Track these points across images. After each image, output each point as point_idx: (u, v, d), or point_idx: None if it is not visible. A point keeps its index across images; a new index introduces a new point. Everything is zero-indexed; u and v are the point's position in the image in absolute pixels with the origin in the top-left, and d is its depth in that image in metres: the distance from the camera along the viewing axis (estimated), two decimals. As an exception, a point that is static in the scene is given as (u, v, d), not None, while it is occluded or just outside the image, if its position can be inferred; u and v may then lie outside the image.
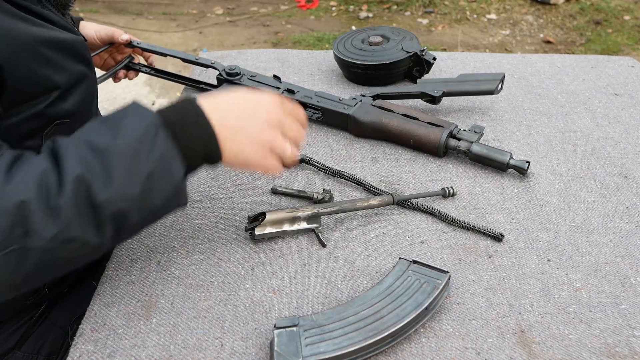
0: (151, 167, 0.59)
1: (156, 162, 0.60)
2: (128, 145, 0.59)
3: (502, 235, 0.81)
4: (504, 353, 0.65)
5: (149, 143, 0.60)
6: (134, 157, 0.59)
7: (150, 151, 0.60)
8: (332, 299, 0.72)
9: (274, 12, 4.26)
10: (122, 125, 0.60)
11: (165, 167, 0.61)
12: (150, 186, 0.60)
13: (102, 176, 0.57)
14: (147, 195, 0.60)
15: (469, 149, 0.94)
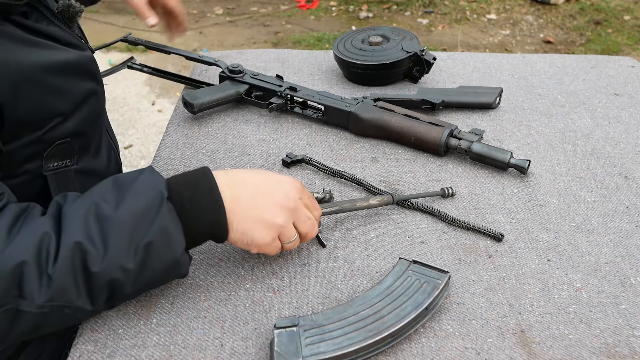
0: (151, 240, 0.59)
1: (156, 237, 0.59)
2: (130, 217, 0.59)
3: (502, 235, 0.81)
4: (504, 353, 0.65)
5: (152, 216, 0.59)
6: (134, 230, 0.59)
7: (151, 225, 0.59)
8: (332, 299, 0.72)
9: (274, 12, 4.26)
10: (129, 193, 0.60)
11: (166, 242, 0.60)
12: (148, 260, 0.60)
13: (100, 246, 0.57)
14: (143, 268, 0.60)
15: (469, 147, 0.94)
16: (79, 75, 0.76)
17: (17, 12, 0.69)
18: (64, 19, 0.78)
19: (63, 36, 0.76)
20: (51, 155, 0.75)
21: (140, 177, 0.62)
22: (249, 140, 1.03)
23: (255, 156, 0.99)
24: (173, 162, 0.97)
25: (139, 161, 2.58)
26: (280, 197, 0.66)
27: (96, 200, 0.60)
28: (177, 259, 0.62)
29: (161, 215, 0.59)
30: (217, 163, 0.97)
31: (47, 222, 0.58)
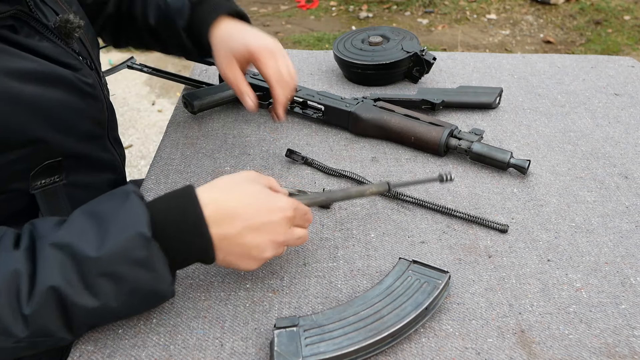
0: (134, 282, 0.58)
1: (142, 277, 0.58)
2: (112, 260, 0.56)
3: (508, 226, 0.81)
4: (504, 353, 0.65)
5: (137, 257, 0.57)
6: (118, 272, 0.56)
7: (135, 266, 0.57)
8: (332, 299, 0.72)
9: (274, 12, 4.26)
10: (111, 233, 0.56)
11: (152, 280, 0.59)
12: (132, 298, 0.59)
13: (80, 288, 0.56)
14: (126, 306, 0.60)
15: (469, 147, 0.94)
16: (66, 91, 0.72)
17: (1, 26, 0.65)
18: (61, 34, 0.74)
19: (56, 54, 0.72)
20: (38, 174, 0.71)
21: (121, 210, 0.58)
22: (249, 140, 1.03)
23: (255, 156, 0.99)
24: (173, 162, 0.97)
25: (139, 161, 2.58)
26: (269, 232, 0.64)
27: (73, 240, 0.56)
28: (163, 294, 0.62)
29: (147, 256, 0.57)
30: (217, 163, 0.97)
31: (19, 257, 0.56)
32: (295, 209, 0.67)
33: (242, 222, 0.62)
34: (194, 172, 0.95)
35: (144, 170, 2.47)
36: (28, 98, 0.66)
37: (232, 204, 0.62)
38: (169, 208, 0.60)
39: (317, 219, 0.85)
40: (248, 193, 0.64)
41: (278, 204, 0.64)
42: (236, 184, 0.65)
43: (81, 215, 0.60)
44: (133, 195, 0.60)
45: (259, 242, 0.63)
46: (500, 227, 0.82)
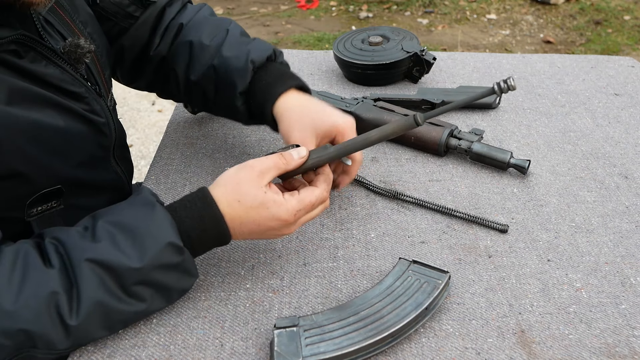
0: (168, 283, 0.65)
1: (173, 279, 0.65)
2: (150, 269, 0.62)
3: (508, 226, 0.81)
4: (504, 353, 0.65)
5: (170, 263, 0.63)
6: (154, 279, 0.63)
7: (169, 270, 0.63)
8: (332, 299, 0.72)
9: (274, 12, 4.26)
10: (146, 245, 0.62)
11: (181, 281, 0.67)
12: (164, 297, 0.66)
13: (121, 297, 0.62)
14: (159, 305, 0.66)
15: (469, 147, 0.94)
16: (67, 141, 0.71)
17: (2, 50, 0.63)
18: (70, 59, 0.71)
19: (61, 80, 0.69)
20: (35, 201, 0.70)
21: (150, 222, 0.63)
22: (249, 140, 1.03)
23: (255, 156, 0.98)
24: (173, 162, 0.97)
25: (139, 161, 2.58)
26: (276, 234, 0.70)
27: (110, 255, 0.60)
28: (188, 288, 0.69)
29: (180, 261, 0.64)
30: (217, 163, 0.97)
31: (56, 277, 0.59)
32: (298, 212, 0.68)
33: (248, 229, 0.68)
34: (194, 172, 0.95)
35: (144, 170, 2.47)
36: (26, 126, 0.65)
37: (239, 217, 0.67)
38: (192, 217, 0.66)
39: (317, 219, 0.85)
40: (251, 205, 0.67)
41: (277, 215, 0.67)
42: (243, 194, 0.67)
43: (109, 227, 0.63)
44: (158, 206, 0.65)
45: (266, 236, 0.71)
46: (500, 227, 0.82)
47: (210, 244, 0.68)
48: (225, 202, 0.66)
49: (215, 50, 0.87)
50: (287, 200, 0.67)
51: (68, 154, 0.72)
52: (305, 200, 0.69)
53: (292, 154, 0.70)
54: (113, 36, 0.92)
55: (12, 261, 0.58)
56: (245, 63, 0.84)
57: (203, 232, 0.66)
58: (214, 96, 0.88)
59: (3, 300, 0.56)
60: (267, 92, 0.83)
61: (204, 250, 0.69)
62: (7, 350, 0.56)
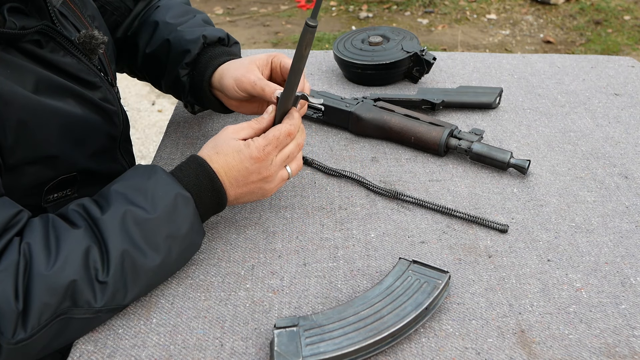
0: (183, 235, 0.68)
1: (186, 231, 0.68)
2: (165, 217, 0.66)
3: (508, 226, 0.81)
4: (504, 353, 0.65)
5: (183, 214, 0.67)
6: (170, 229, 0.66)
7: (183, 221, 0.67)
8: (332, 299, 0.72)
9: (274, 12, 4.26)
10: (157, 198, 0.66)
11: (193, 235, 0.70)
12: (180, 251, 0.69)
13: (145, 247, 0.64)
14: (176, 260, 0.70)
15: (469, 147, 0.94)
16: (85, 130, 0.75)
17: (26, 40, 0.67)
18: (85, 50, 0.75)
19: (79, 70, 0.73)
20: (51, 189, 0.74)
21: (156, 179, 0.68)
22: (249, 140, 1.03)
23: (255, 156, 0.99)
24: (173, 162, 0.97)
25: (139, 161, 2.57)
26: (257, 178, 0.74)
27: (127, 207, 0.64)
28: (197, 245, 0.73)
29: (190, 212, 0.69)
30: (217, 163, 0.97)
31: (84, 235, 0.62)
32: (266, 146, 0.73)
33: (234, 177, 0.73)
34: (194, 172, 0.95)
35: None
36: (49, 114, 0.69)
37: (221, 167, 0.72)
38: (188, 176, 0.71)
39: (317, 219, 0.85)
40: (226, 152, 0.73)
41: (248, 154, 0.72)
42: (219, 146, 0.73)
43: (120, 188, 0.67)
44: (158, 168, 0.70)
45: (255, 184, 0.75)
46: (500, 227, 0.82)
47: (210, 201, 0.72)
48: (209, 158, 0.72)
49: (174, 27, 0.92)
50: (254, 140, 0.73)
51: (84, 142, 0.76)
52: (269, 135, 0.73)
53: (262, 116, 0.76)
54: (110, 29, 0.96)
55: (44, 226, 0.62)
56: (197, 37, 0.90)
57: (200, 187, 0.70)
58: (164, 69, 0.93)
59: (45, 261, 0.59)
60: (211, 62, 0.88)
61: (205, 209, 0.72)
62: (50, 310, 0.58)
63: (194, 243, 0.71)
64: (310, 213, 0.86)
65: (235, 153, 0.72)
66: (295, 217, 0.85)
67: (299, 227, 0.83)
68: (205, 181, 0.71)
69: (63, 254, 0.60)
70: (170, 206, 0.66)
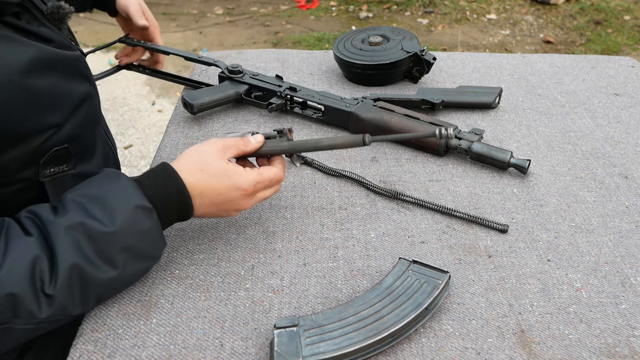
0: (142, 249, 0.66)
1: (146, 245, 0.66)
2: (122, 230, 0.63)
3: (508, 226, 0.81)
4: (504, 353, 0.65)
5: (142, 227, 0.65)
6: (127, 243, 0.64)
7: (142, 235, 0.65)
8: (332, 299, 0.72)
9: (274, 12, 4.26)
10: (115, 210, 0.63)
11: (153, 247, 0.68)
12: (138, 264, 0.67)
13: (98, 262, 0.62)
14: (133, 272, 0.68)
15: (469, 147, 0.94)
16: (69, 75, 0.75)
17: (9, 13, 0.68)
18: (54, 20, 0.76)
19: (54, 37, 0.74)
20: (48, 162, 0.74)
21: (117, 189, 0.66)
22: (249, 140, 1.03)
23: (255, 156, 0.99)
24: (173, 162, 0.97)
25: (139, 161, 2.58)
26: (233, 205, 0.73)
27: (83, 219, 0.62)
28: (158, 257, 0.70)
29: (151, 225, 0.66)
30: (217, 163, 0.97)
31: (35, 243, 0.60)
32: (257, 184, 0.72)
33: (209, 199, 0.71)
34: (194, 172, 0.95)
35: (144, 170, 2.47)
36: (37, 86, 0.69)
37: (200, 188, 0.70)
38: (156, 185, 0.68)
39: (317, 219, 0.85)
40: (213, 173, 0.71)
41: (238, 184, 0.71)
42: (205, 164, 0.71)
43: (78, 198, 0.64)
44: (123, 175, 0.68)
45: (226, 210, 0.74)
46: (500, 227, 0.82)
47: (174, 214, 0.69)
48: (187, 172, 0.70)
49: None
50: (247, 172, 0.72)
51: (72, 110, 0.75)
52: (264, 174, 0.73)
53: (249, 139, 0.76)
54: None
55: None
56: None
57: (167, 199, 0.67)
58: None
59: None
60: None
61: (168, 221, 0.70)
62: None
63: (154, 255, 0.69)
64: (310, 213, 0.86)
65: (222, 177, 0.70)
66: (295, 217, 0.85)
67: (299, 227, 0.83)
68: (174, 192, 0.68)
69: (8, 262, 0.58)
70: (130, 219, 0.64)
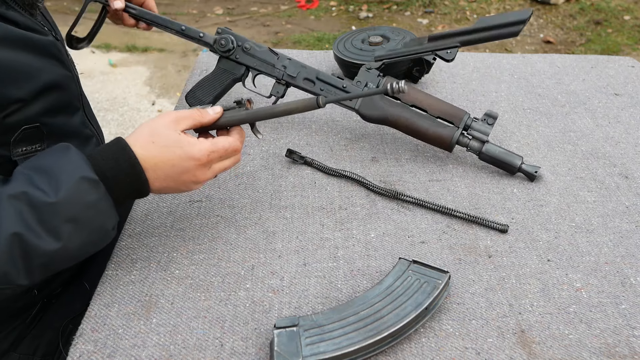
0: (88, 222, 0.64)
1: (93, 217, 0.64)
2: (68, 203, 0.62)
3: (508, 226, 0.81)
4: (504, 353, 0.65)
5: (88, 199, 0.63)
6: (72, 214, 0.62)
7: (88, 207, 0.63)
8: (332, 299, 0.72)
9: (274, 12, 4.26)
10: (60, 181, 0.62)
11: (101, 220, 0.66)
12: (85, 237, 0.65)
13: (40, 232, 0.61)
14: (80, 245, 0.65)
15: (480, 150, 0.92)
16: (36, 55, 0.73)
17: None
18: (24, 5, 0.75)
19: (23, 21, 0.73)
20: (19, 140, 0.74)
21: (64, 160, 0.65)
22: (249, 140, 1.03)
23: (255, 156, 0.99)
24: (173, 162, 0.97)
25: (139, 161, 2.58)
26: (189, 177, 0.71)
27: (27, 187, 0.61)
28: (109, 232, 0.68)
29: (97, 198, 0.64)
30: (217, 163, 0.97)
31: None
32: (211, 153, 0.71)
33: (163, 171, 0.69)
34: (194, 172, 0.94)
35: (144, 170, 2.46)
36: (3, 62, 0.68)
37: (152, 158, 0.68)
38: (106, 159, 0.67)
39: (317, 219, 0.85)
40: (165, 144, 0.69)
41: (190, 154, 0.69)
42: (156, 135, 0.69)
43: (26, 170, 0.64)
44: (72, 148, 0.66)
45: (184, 183, 0.71)
46: (500, 227, 0.82)
47: (127, 189, 0.68)
48: (139, 145, 0.68)
49: None
50: (200, 142, 0.70)
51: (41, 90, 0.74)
52: (219, 144, 0.72)
53: (207, 110, 0.74)
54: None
55: None
56: None
57: (118, 172, 0.66)
58: None
59: None
60: None
61: (122, 196, 0.68)
62: None
63: (103, 229, 0.67)
64: (310, 213, 0.86)
65: (174, 147, 0.69)
66: (295, 217, 0.85)
67: (299, 227, 0.83)
68: (125, 165, 0.67)
69: None
70: (74, 190, 0.63)
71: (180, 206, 0.87)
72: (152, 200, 0.88)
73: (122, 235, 0.81)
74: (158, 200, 0.88)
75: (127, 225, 0.83)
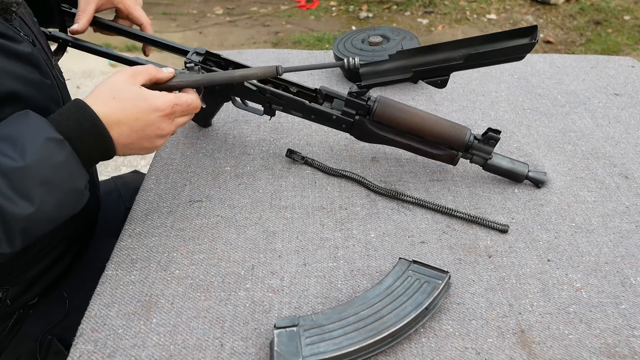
0: (60, 182, 0.64)
1: (64, 178, 0.64)
2: (35, 164, 0.62)
3: (508, 226, 0.81)
4: (504, 353, 0.65)
5: (56, 160, 0.63)
6: (43, 177, 0.62)
7: (57, 168, 0.63)
8: (332, 299, 0.72)
9: (274, 12, 4.26)
10: (26, 145, 0.62)
11: (72, 180, 0.65)
12: (58, 198, 0.64)
13: (13, 197, 0.61)
14: (56, 207, 0.65)
15: (484, 163, 0.89)
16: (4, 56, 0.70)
17: None
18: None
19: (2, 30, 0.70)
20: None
21: (25, 125, 0.64)
22: (249, 140, 1.03)
23: (255, 156, 0.99)
24: (173, 162, 0.97)
25: (139, 161, 2.58)
26: (153, 130, 0.71)
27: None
28: (82, 191, 0.67)
29: (65, 158, 0.64)
30: (217, 163, 0.97)
31: None
32: (175, 105, 0.71)
33: (127, 126, 0.69)
34: (194, 172, 0.95)
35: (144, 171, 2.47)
36: None
37: (115, 116, 0.68)
38: (67, 119, 0.66)
39: (317, 219, 0.85)
40: (127, 98, 0.69)
41: (154, 105, 0.70)
42: (117, 90, 0.69)
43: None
44: (32, 112, 0.66)
45: (147, 137, 0.71)
46: (500, 227, 0.82)
47: (93, 147, 0.67)
48: (100, 102, 0.68)
49: None
50: (163, 94, 0.71)
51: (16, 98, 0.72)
52: (182, 98, 0.73)
53: (163, 68, 0.75)
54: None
55: None
56: None
57: (81, 132, 0.66)
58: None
59: None
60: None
61: (88, 156, 0.67)
62: None
63: (75, 188, 0.67)
64: (310, 213, 0.86)
65: (137, 100, 0.69)
66: (295, 217, 0.85)
67: (299, 227, 0.83)
68: (87, 124, 0.66)
69: None
70: (41, 152, 0.62)
71: (180, 206, 0.87)
72: (152, 200, 0.88)
73: (122, 235, 0.81)
74: (158, 200, 0.88)
75: (127, 225, 0.83)
